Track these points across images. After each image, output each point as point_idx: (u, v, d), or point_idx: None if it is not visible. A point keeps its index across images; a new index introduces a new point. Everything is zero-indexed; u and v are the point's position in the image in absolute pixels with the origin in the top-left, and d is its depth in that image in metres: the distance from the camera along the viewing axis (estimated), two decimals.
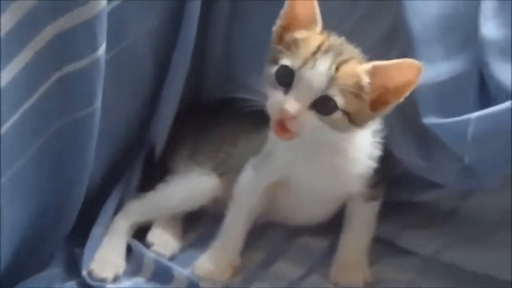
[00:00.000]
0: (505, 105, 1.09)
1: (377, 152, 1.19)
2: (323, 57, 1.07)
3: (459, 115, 1.14)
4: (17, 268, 1.20)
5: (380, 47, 1.22)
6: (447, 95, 1.18)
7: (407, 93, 1.07)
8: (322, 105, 1.07)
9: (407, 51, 1.16)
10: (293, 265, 1.29)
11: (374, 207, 1.26)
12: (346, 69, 1.07)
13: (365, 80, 1.07)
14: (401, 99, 1.07)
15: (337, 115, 1.07)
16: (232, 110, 1.38)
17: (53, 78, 1.13)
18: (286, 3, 1.11)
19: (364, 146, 1.17)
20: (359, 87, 1.07)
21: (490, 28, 1.16)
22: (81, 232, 1.30)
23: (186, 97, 1.38)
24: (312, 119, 1.08)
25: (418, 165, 1.25)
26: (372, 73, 1.07)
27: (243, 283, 1.26)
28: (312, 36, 1.10)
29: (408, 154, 1.25)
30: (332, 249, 1.29)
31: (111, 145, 1.33)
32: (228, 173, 1.31)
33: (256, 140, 1.28)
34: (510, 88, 1.11)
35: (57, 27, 1.09)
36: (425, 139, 1.22)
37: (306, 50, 1.08)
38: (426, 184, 1.28)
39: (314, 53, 1.07)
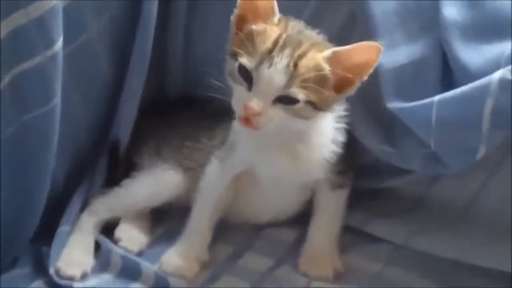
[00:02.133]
0: (468, 87, 1.07)
1: (341, 138, 1.18)
2: (280, 54, 1.05)
3: (422, 99, 1.13)
4: None
5: (340, 34, 1.20)
6: (409, 79, 1.17)
7: (369, 72, 1.06)
8: (285, 99, 1.06)
9: (366, 38, 1.14)
10: (262, 257, 1.28)
11: (341, 195, 1.24)
12: (305, 62, 1.05)
13: (326, 68, 1.06)
14: (364, 78, 1.06)
15: (301, 105, 1.06)
16: (194, 106, 1.39)
17: (7, 78, 1.11)
18: None
19: (326, 131, 1.16)
20: (320, 77, 1.06)
21: (451, 9, 1.15)
22: (47, 231, 1.28)
23: (148, 93, 1.36)
24: (276, 113, 1.07)
25: (384, 151, 1.23)
26: (333, 59, 1.06)
27: (211, 278, 1.25)
28: (269, 29, 1.08)
29: (372, 140, 1.24)
30: (300, 240, 1.28)
31: (73, 142, 1.31)
32: (193, 168, 1.29)
33: (219, 133, 1.28)
34: (473, 69, 1.10)
35: (8, 25, 1.07)
36: (389, 124, 1.21)
37: (262, 46, 1.06)
38: (393, 171, 1.27)
39: (271, 50, 1.05)
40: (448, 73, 1.16)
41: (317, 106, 1.07)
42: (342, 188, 1.24)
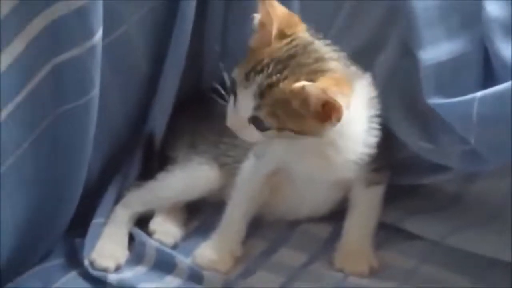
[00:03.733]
0: (510, 83, 1.06)
1: (373, 139, 1.16)
2: (254, 78, 1.06)
3: (463, 95, 1.12)
4: (17, 262, 1.20)
5: (381, 28, 1.19)
6: (449, 75, 1.16)
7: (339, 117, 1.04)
8: (256, 123, 1.08)
9: (407, 32, 1.14)
10: (296, 253, 1.28)
11: (377, 191, 1.24)
12: (275, 91, 1.05)
13: (295, 102, 1.04)
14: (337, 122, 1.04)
15: (273, 132, 1.07)
16: None
17: (47, 67, 1.11)
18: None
19: (354, 134, 1.15)
20: (288, 108, 1.05)
21: (494, 6, 1.15)
22: (81, 224, 1.29)
23: (184, 86, 1.36)
24: (253, 132, 1.09)
25: (422, 148, 1.22)
26: (302, 94, 1.03)
27: (245, 273, 1.24)
28: (262, 48, 1.08)
29: (411, 136, 1.23)
30: (335, 236, 1.28)
31: (109, 135, 1.31)
32: (229, 163, 1.29)
33: None
34: None
35: (49, 15, 1.08)
36: (428, 121, 1.20)
37: (247, 66, 1.07)
38: (431, 168, 1.26)
39: (249, 72, 1.07)
40: (490, 70, 1.15)
41: (300, 132, 1.07)
42: (377, 185, 1.23)
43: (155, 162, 1.37)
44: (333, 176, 1.19)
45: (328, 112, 1.03)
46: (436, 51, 1.17)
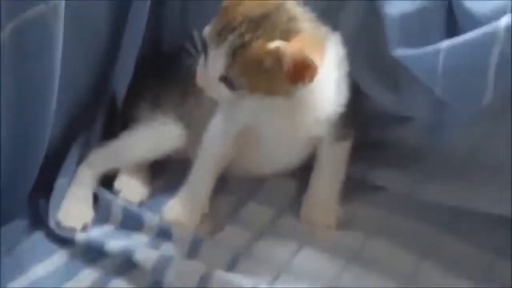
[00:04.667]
0: (475, 33, 1.08)
1: (343, 97, 1.17)
2: (226, 37, 1.05)
3: (427, 46, 1.14)
4: None
5: None
6: (414, 27, 1.17)
7: (312, 77, 1.04)
8: (227, 82, 1.08)
9: None
10: (263, 208, 1.29)
11: (344, 146, 1.25)
12: (248, 51, 1.04)
13: (268, 61, 1.04)
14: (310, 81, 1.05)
15: (244, 92, 1.08)
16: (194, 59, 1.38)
17: (8, 28, 1.08)
18: None
19: (326, 92, 1.15)
20: (260, 68, 1.05)
21: None
22: (44, 185, 1.27)
23: (145, 47, 1.34)
24: (223, 91, 1.09)
25: (389, 100, 1.24)
26: (277, 54, 1.03)
27: (214, 229, 1.25)
28: (234, 6, 1.07)
29: (377, 89, 1.24)
30: (301, 191, 1.29)
31: (72, 95, 1.29)
32: (194, 122, 1.29)
33: None
34: (478, 16, 1.11)
35: None
36: (393, 73, 1.22)
37: (219, 24, 1.07)
38: (396, 120, 1.28)
39: (221, 31, 1.06)
40: (453, 21, 1.17)
41: (268, 93, 1.08)
42: (345, 140, 1.24)
43: (117, 122, 1.36)
44: (303, 134, 1.20)
45: (301, 72, 1.03)
46: (400, 3, 1.17)
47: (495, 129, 1.21)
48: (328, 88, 1.15)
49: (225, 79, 1.08)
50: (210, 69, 1.08)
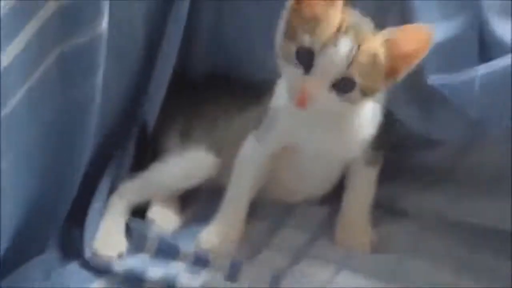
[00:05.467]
0: (509, 58, 1.14)
1: (379, 117, 1.21)
2: (344, 38, 1.06)
3: (461, 73, 1.19)
4: (16, 253, 1.17)
5: (377, 12, 1.23)
6: (447, 55, 1.22)
7: (418, 60, 1.08)
8: (342, 84, 1.08)
9: (405, 12, 1.19)
10: (297, 233, 1.30)
11: (374, 170, 1.28)
12: (365, 48, 1.07)
13: (381, 55, 1.08)
14: (412, 67, 1.09)
15: (356, 92, 1.09)
16: (220, 86, 1.40)
17: (55, 53, 1.10)
18: None
19: (366, 111, 1.19)
20: (376, 64, 1.08)
21: None
22: (74, 214, 1.27)
23: (172, 76, 1.35)
24: (331, 99, 1.09)
25: (422, 125, 1.27)
26: (386, 45, 1.08)
27: (250, 254, 1.26)
28: (332, 14, 1.08)
29: (411, 114, 1.27)
30: (333, 216, 1.31)
31: (104, 122, 1.29)
32: (226, 148, 1.30)
33: (252, 113, 1.29)
34: (509, 43, 1.17)
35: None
36: (426, 97, 1.25)
37: (327, 29, 1.07)
38: (425, 144, 1.32)
39: (336, 34, 1.07)
40: (484, 48, 1.22)
41: (367, 93, 1.10)
42: (375, 164, 1.27)
43: (147, 153, 1.37)
44: (343, 153, 1.23)
45: (399, 67, 1.08)
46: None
47: None
48: (368, 108, 1.18)
49: (340, 82, 1.08)
50: (325, 74, 1.07)
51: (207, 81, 1.44)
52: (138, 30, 1.28)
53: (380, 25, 1.11)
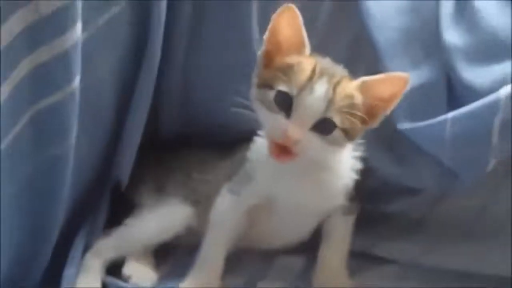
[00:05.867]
0: (479, 103, 1.16)
1: (358, 165, 1.22)
2: (319, 81, 1.09)
3: (432, 119, 1.20)
4: None
5: (348, 61, 1.25)
6: (417, 101, 1.24)
7: (394, 105, 1.10)
8: (322, 126, 1.09)
9: (375, 62, 1.21)
10: (277, 284, 1.29)
11: (351, 219, 1.28)
12: (340, 90, 1.09)
13: (358, 97, 1.10)
14: (388, 112, 1.11)
15: (336, 133, 1.10)
16: (192, 142, 1.41)
17: (28, 114, 1.10)
18: (269, 28, 1.12)
19: (346, 159, 1.20)
20: (353, 105, 1.09)
21: (452, 35, 1.25)
22: (48, 275, 1.25)
23: (143, 134, 1.35)
24: (314, 140, 1.10)
25: (395, 173, 1.29)
26: (362, 89, 1.10)
27: None
28: (304, 60, 1.11)
29: (384, 162, 1.29)
30: (310, 266, 1.30)
31: (76, 180, 1.27)
32: (201, 200, 1.30)
33: (226, 165, 1.30)
34: (478, 88, 1.19)
35: (32, 60, 1.07)
36: (399, 146, 1.27)
37: (301, 75, 1.09)
38: (400, 193, 1.33)
39: (310, 78, 1.09)
40: (453, 94, 1.24)
41: (349, 135, 1.11)
42: (352, 213, 1.27)
43: (121, 209, 1.36)
44: (323, 204, 1.23)
45: (376, 110, 1.10)
46: None
47: (497, 194, 1.27)
48: (347, 156, 1.19)
49: (320, 123, 1.09)
50: (305, 116, 1.08)
51: (175, 140, 1.43)
52: (107, 87, 1.28)
53: (351, 74, 1.13)
